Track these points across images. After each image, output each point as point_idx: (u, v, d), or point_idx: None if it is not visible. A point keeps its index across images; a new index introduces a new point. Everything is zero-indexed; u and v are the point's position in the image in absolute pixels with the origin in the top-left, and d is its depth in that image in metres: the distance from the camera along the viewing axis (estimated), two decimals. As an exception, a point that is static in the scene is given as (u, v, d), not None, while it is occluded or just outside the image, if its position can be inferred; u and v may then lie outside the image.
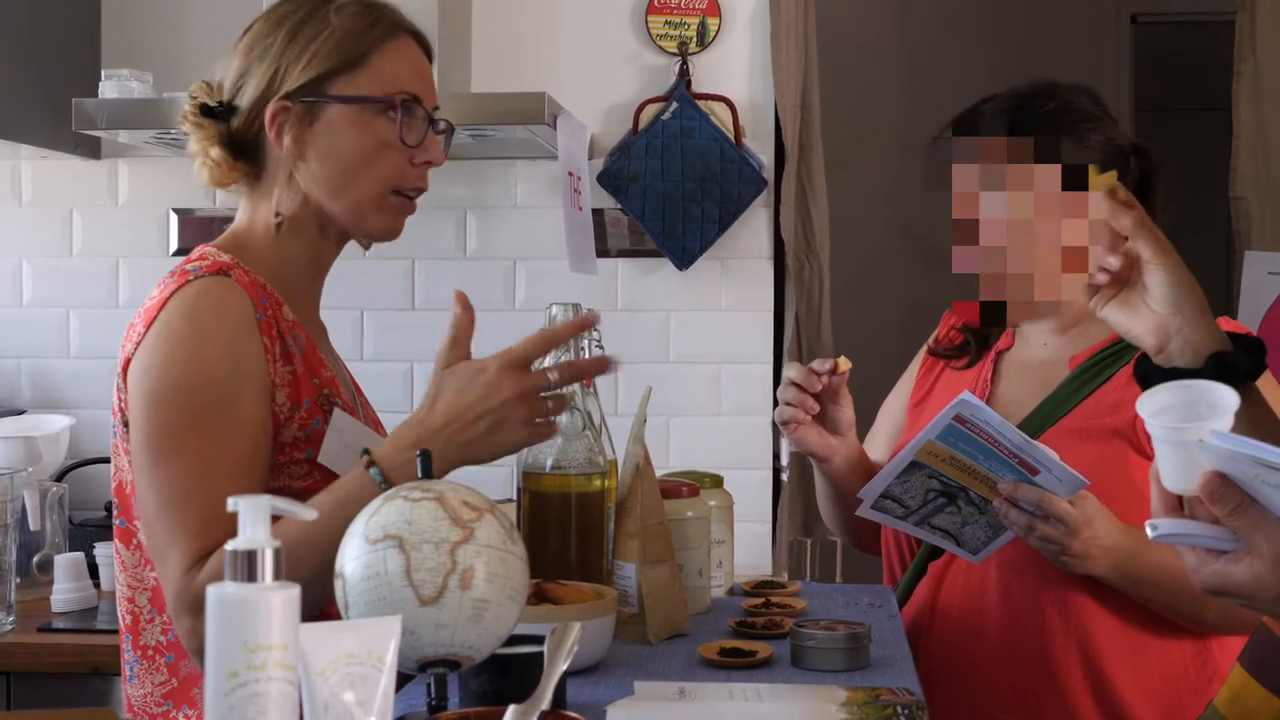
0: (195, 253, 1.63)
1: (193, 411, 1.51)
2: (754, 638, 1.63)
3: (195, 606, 1.47)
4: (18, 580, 2.43)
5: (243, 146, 1.64)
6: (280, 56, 1.61)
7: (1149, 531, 1.09)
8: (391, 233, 1.71)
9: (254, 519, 0.90)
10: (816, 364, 1.89)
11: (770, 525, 2.92)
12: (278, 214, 1.65)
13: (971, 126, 1.89)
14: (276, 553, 0.90)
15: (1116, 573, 1.71)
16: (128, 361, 1.56)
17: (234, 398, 1.52)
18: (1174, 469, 1.09)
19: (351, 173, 1.63)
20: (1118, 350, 1.86)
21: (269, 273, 1.63)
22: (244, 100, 1.62)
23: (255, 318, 1.56)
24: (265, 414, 1.55)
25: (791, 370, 1.90)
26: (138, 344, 1.55)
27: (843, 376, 1.89)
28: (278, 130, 1.61)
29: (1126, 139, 1.91)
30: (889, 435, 2.09)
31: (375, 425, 1.75)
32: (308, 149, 1.62)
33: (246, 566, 0.89)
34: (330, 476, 1.56)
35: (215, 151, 1.63)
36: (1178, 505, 1.10)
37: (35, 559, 2.57)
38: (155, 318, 1.54)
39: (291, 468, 1.58)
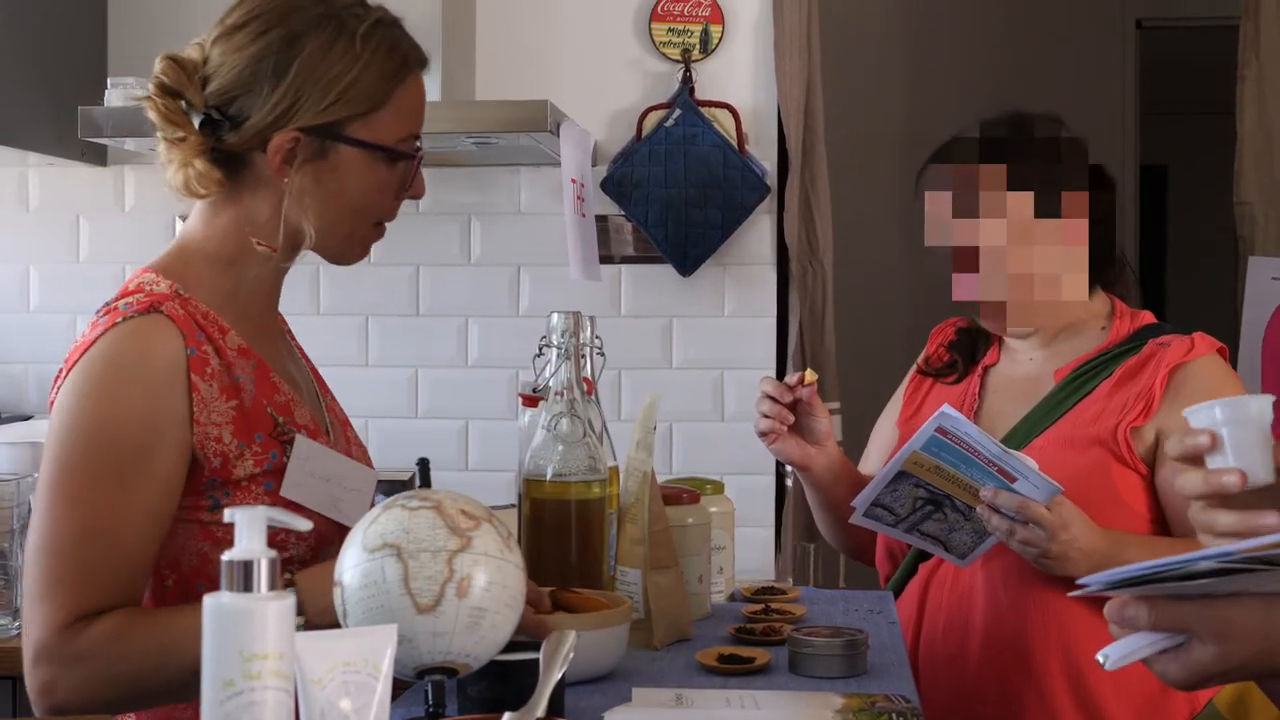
0: (133, 282, 1.54)
1: (100, 461, 1.44)
2: (753, 644, 1.64)
3: (67, 660, 1.41)
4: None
5: (225, 158, 1.53)
6: (302, 84, 1.49)
7: (1101, 661, 1.08)
8: (360, 260, 1.64)
9: (250, 529, 0.91)
10: (788, 378, 1.98)
11: (773, 531, 2.92)
12: (259, 241, 1.56)
13: (945, 157, 1.95)
14: (272, 563, 0.90)
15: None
16: (52, 403, 1.50)
17: (145, 453, 1.44)
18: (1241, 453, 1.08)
19: (350, 213, 1.57)
20: (1101, 363, 1.94)
21: (218, 294, 1.55)
22: (247, 117, 1.50)
23: (186, 356, 1.47)
24: (176, 472, 1.47)
25: (765, 385, 1.99)
26: (60, 386, 1.48)
27: (811, 388, 1.96)
28: (281, 159, 1.51)
29: (1099, 164, 1.95)
30: (881, 453, 2.15)
31: (343, 425, 1.71)
32: (309, 183, 1.52)
33: (243, 576, 0.90)
34: (295, 509, 1.47)
35: (200, 163, 1.52)
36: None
37: (41, 564, 2.58)
38: (79, 360, 1.47)
39: (250, 502, 1.50)
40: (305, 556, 1.54)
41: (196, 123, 1.51)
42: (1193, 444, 1.09)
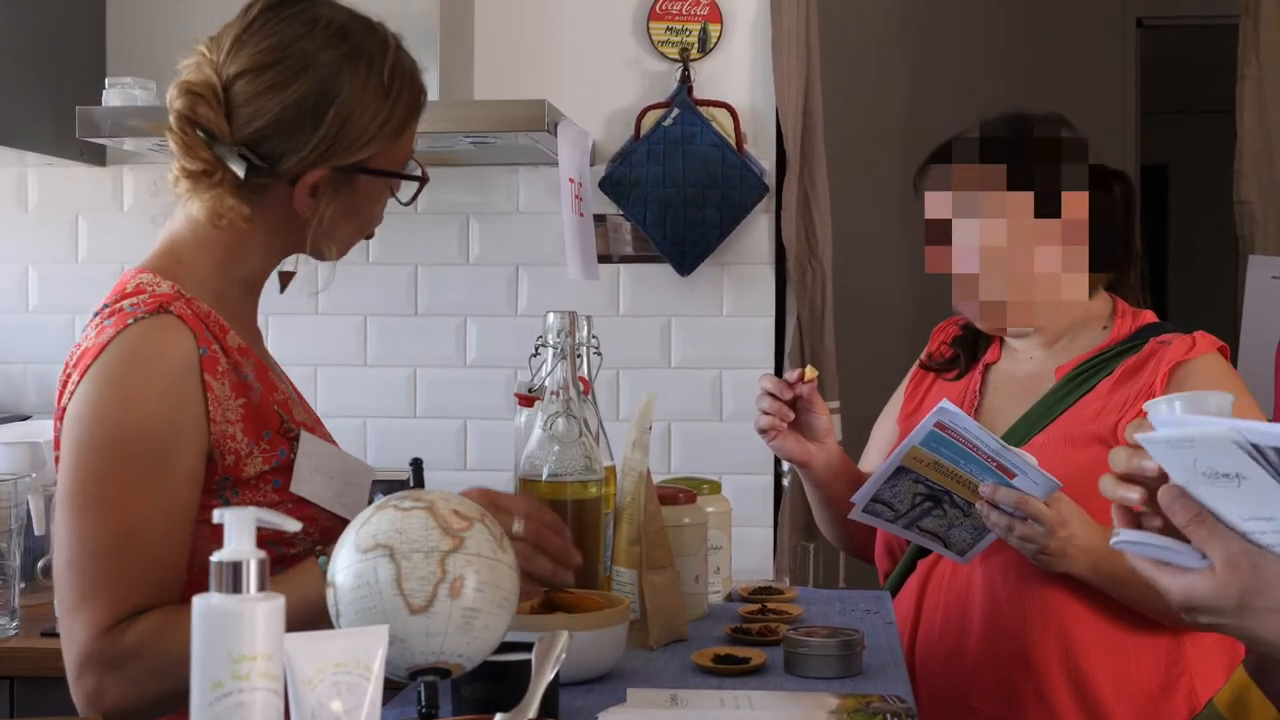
0: (132, 282, 1.54)
1: (124, 464, 1.43)
2: (749, 644, 1.63)
3: (114, 663, 1.41)
4: (22, 585, 2.44)
5: (249, 188, 1.54)
6: (340, 128, 1.51)
7: (1110, 540, 1.10)
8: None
9: (239, 531, 0.91)
10: (788, 375, 1.98)
11: (772, 530, 2.92)
12: (284, 273, 1.61)
13: (945, 157, 1.95)
14: (261, 564, 0.90)
15: (1094, 571, 1.78)
16: (64, 411, 1.48)
17: (168, 452, 1.45)
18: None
19: (359, 229, 1.62)
20: (1102, 361, 1.94)
21: (210, 294, 1.56)
22: (280, 157, 1.51)
23: (198, 355, 1.48)
24: (198, 469, 1.47)
25: (765, 381, 1.99)
26: (73, 393, 1.47)
27: (811, 384, 1.96)
28: (308, 193, 1.54)
29: (1102, 164, 1.95)
30: (882, 450, 2.15)
31: (317, 424, 1.70)
32: (329, 209, 1.56)
33: (232, 577, 0.90)
34: (303, 505, 1.52)
35: (231, 200, 1.52)
36: (1135, 520, 1.10)
37: (40, 564, 2.58)
38: (91, 365, 1.46)
39: (259, 500, 1.51)
40: (313, 552, 1.54)
41: (231, 163, 1.51)
42: (1134, 441, 1.10)
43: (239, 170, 1.50)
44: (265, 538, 1.44)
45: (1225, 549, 1.02)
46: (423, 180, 1.64)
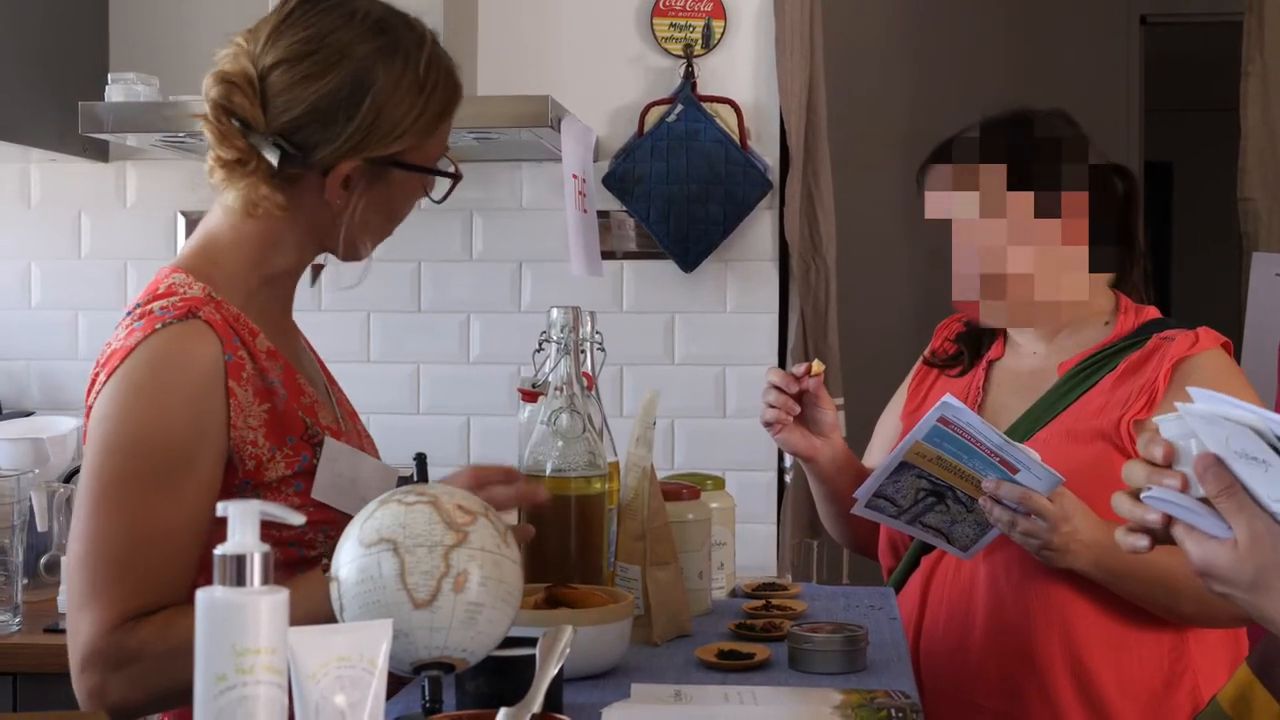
0: (163, 284, 1.54)
1: (146, 467, 1.45)
2: (753, 640, 1.63)
3: (117, 661, 1.42)
4: (25, 581, 2.44)
5: (282, 178, 1.54)
6: (374, 121, 1.52)
7: (1142, 494, 1.10)
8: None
9: (243, 524, 0.91)
10: (794, 368, 1.97)
11: (775, 526, 2.92)
12: (317, 266, 1.62)
13: (945, 156, 1.95)
14: (265, 557, 0.90)
15: (1096, 567, 1.78)
16: (90, 410, 1.50)
17: (188, 460, 1.46)
18: None
19: (391, 224, 1.64)
20: (1105, 357, 1.94)
21: (242, 294, 1.57)
22: (314, 147, 1.52)
23: (224, 362, 1.49)
24: (216, 475, 1.49)
25: (772, 374, 1.99)
26: (99, 392, 1.49)
27: (818, 378, 1.96)
28: (341, 184, 1.55)
29: (1105, 160, 1.94)
30: (885, 446, 2.15)
31: (352, 418, 1.72)
32: (364, 205, 1.56)
33: (235, 570, 0.90)
34: (324, 510, 1.53)
35: (266, 189, 1.53)
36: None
37: (43, 560, 2.58)
38: (118, 367, 1.47)
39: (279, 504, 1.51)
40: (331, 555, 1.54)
41: (265, 152, 1.51)
42: (1148, 455, 1.12)
43: (272, 158, 1.51)
44: (286, 539, 1.47)
45: (1250, 525, 1.04)
46: (456, 177, 1.65)
